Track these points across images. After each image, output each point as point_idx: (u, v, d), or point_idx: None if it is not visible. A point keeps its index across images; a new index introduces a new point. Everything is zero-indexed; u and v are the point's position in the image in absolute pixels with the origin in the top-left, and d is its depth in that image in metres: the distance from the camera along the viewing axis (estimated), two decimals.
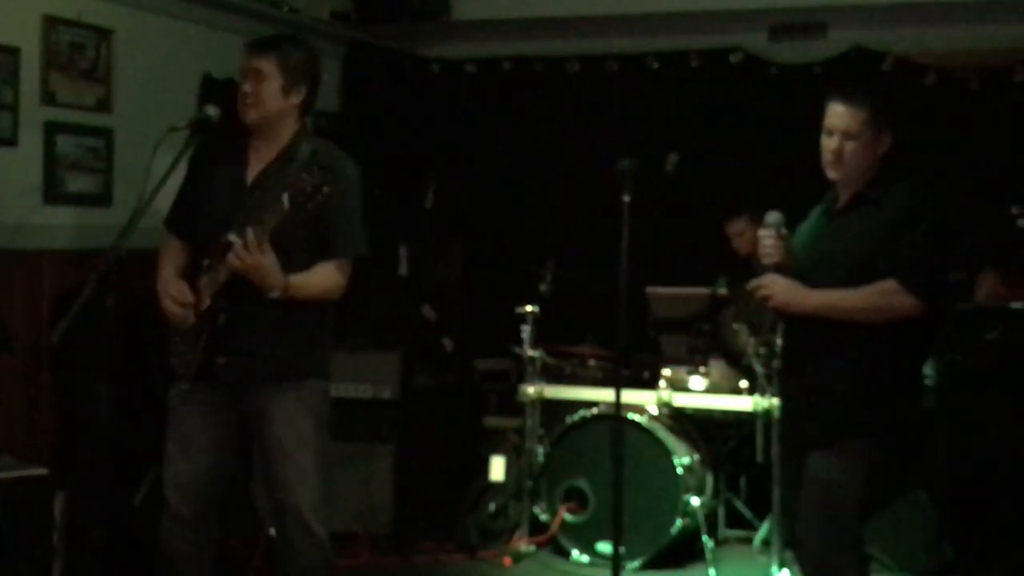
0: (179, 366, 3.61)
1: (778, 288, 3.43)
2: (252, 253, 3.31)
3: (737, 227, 5.76)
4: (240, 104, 3.57)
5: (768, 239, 3.48)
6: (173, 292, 3.53)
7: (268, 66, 3.55)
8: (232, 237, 3.37)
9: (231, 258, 3.34)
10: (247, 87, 3.55)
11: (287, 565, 3.67)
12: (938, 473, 4.78)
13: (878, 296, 3.31)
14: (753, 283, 3.47)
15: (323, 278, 3.56)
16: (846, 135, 3.41)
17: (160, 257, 3.68)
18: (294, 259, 3.46)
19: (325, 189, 3.25)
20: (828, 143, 3.45)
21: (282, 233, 3.35)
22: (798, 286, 3.40)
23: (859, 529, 3.38)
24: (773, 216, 3.49)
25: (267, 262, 3.34)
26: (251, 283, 3.40)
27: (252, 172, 3.60)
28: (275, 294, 3.40)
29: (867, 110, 3.41)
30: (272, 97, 3.56)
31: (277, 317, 3.53)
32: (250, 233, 3.30)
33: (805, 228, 3.64)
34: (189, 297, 3.52)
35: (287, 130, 3.62)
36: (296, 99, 3.60)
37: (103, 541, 4.29)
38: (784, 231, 3.48)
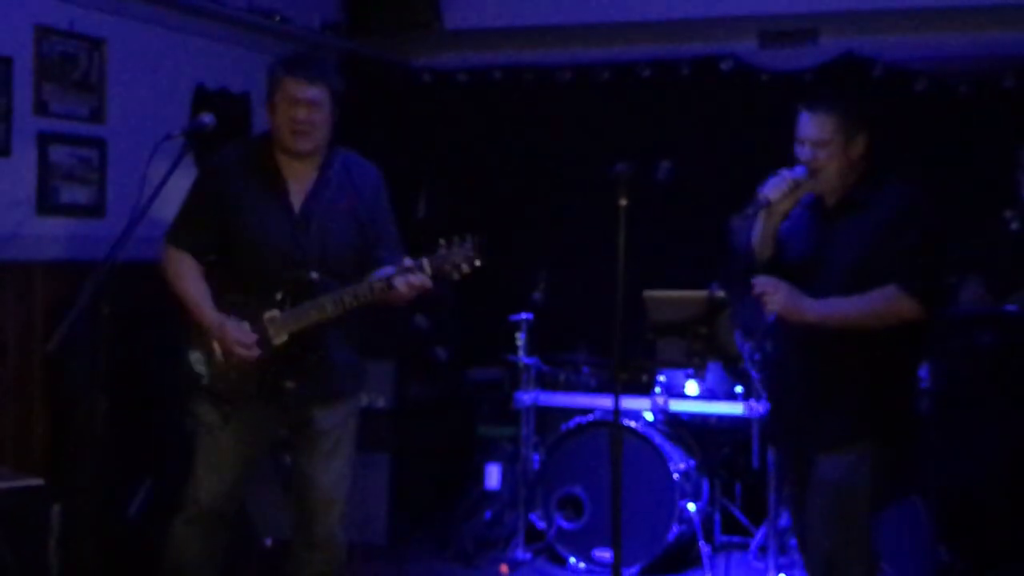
0: (225, 391, 3.60)
1: (780, 296, 3.40)
2: (424, 282, 3.45)
3: None
4: (296, 133, 3.55)
5: (778, 178, 3.46)
6: (240, 337, 3.53)
7: (322, 95, 3.58)
8: (313, 275, 3.53)
9: (405, 287, 3.45)
10: (303, 115, 3.54)
11: (304, 569, 3.72)
12: (933, 477, 4.79)
13: (879, 302, 3.31)
14: (756, 282, 3.45)
15: None
16: (816, 143, 3.43)
17: (186, 283, 3.63)
18: (347, 271, 3.60)
19: (477, 263, 3.45)
20: (800, 153, 3.48)
21: (338, 248, 3.56)
22: (799, 295, 3.38)
23: (870, 531, 3.39)
24: (800, 169, 3.46)
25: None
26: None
27: (295, 196, 3.63)
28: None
29: (834, 116, 3.42)
30: (326, 125, 3.61)
31: (337, 338, 3.64)
32: (426, 267, 3.47)
33: (789, 227, 3.62)
34: (252, 336, 3.54)
35: (322, 150, 3.66)
36: (333, 119, 3.66)
37: (98, 552, 4.28)
38: (800, 185, 3.46)
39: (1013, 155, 5.25)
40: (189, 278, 3.63)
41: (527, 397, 5.37)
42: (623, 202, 3.52)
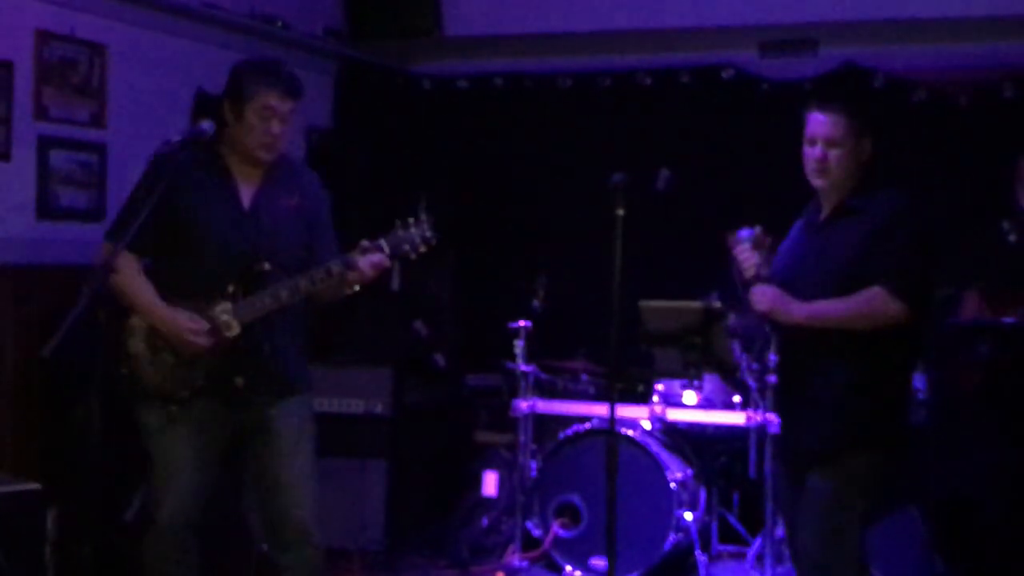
0: (171, 388, 3.59)
1: (766, 296, 3.44)
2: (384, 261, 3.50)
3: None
4: (265, 146, 3.58)
5: (742, 253, 3.52)
6: (193, 326, 3.52)
7: (296, 107, 3.63)
8: (266, 265, 3.54)
9: (368, 266, 3.47)
10: (278, 129, 3.58)
11: (283, 574, 3.69)
12: (929, 487, 4.79)
13: (864, 303, 3.33)
14: (752, 290, 3.50)
15: None
16: (829, 143, 3.44)
17: (136, 282, 3.59)
18: (296, 268, 3.60)
19: (433, 243, 3.49)
20: (812, 153, 3.48)
21: (288, 244, 3.58)
22: (784, 295, 3.42)
23: (860, 542, 3.39)
24: (743, 232, 3.54)
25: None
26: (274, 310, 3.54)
27: (245, 196, 3.64)
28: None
29: (847, 117, 3.45)
30: (288, 134, 3.66)
31: (287, 335, 3.64)
32: (385, 246, 3.51)
33: (787, 245, 3.65)
34: (205, 326, 3.53)
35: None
36: None
37: (94, 557, 4.27)
38: (760, 241, 3.51)
39: (1012, 166, 5.25)
40: (137, 276, 3.61)
41: (525, 404, 5.36)
42: (620, 212, 3.52)
